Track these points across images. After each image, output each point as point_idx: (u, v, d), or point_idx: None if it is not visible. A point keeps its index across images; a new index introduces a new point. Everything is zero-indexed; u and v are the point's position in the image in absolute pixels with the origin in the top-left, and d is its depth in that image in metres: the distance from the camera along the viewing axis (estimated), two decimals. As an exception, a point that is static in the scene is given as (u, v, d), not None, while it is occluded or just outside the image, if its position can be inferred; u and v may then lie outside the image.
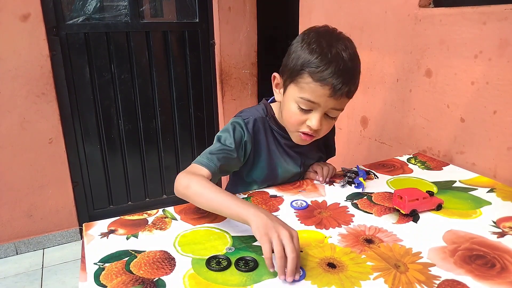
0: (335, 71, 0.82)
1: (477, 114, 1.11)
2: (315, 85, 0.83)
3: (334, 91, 0.83)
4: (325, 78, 0.82)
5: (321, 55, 0.82)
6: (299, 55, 0.85)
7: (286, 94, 0.91)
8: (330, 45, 0.84)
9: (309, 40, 0.85)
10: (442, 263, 0.69)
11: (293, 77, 0.87)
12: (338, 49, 0.83)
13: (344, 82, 0.83)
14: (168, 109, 2.50)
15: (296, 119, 0.90)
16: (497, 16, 1.02)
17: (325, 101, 0.85)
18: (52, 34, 2.06)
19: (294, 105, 0.88)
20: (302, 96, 0.86)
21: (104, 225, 0.85)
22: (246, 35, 2.51)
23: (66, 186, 2.25)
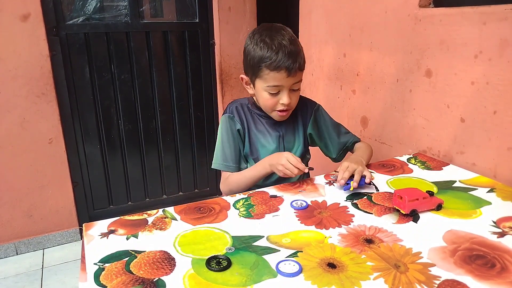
0: (283, 56, 1.03)
1: (477, 114, 1.11)
2: (273, 73, 1.04)
3: (288, 71, 1.04)
4: (278, 65, 1.03)
5: (268, 49, 1.04)
6: (253, 55, 1.07)
7: (256, 88, 1.12)
8: (272, 38, 1.05)
9: (256, 41, 1.07)
10: (442, 263, 0.69)
11: (256, 73, 1.08)
12: (279, 39, 1.04)
13: (293, 61, 1.04)
14: (168, 109, 2.50)
15: (270, 103, 1.10)
16: (497, 16, 1.02)
17: (286, 81, 1.06)
18: (52, 34, 2.06)
19: (265, 93, 1.09)
20: (268, 84, 1.07)
21: (104, 225, 0.85)
22: (246, 35, 2.50)
23: (66, 186, 2.25)
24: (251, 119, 1.20)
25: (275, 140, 1.20)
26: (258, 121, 1.20)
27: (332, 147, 1.26)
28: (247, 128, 1.19)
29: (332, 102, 1.77)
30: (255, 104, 1.20)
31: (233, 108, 1.20)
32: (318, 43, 1.82)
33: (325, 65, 1.79)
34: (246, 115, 1.20)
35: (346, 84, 1.68)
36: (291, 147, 1.22)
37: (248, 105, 1.21)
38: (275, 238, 0.79)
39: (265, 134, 1.20)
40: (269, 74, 1.05)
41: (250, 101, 1.22)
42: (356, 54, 1.59)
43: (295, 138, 1.23)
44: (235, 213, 0.91)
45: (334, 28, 1.70)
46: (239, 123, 1.18)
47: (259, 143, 1.19)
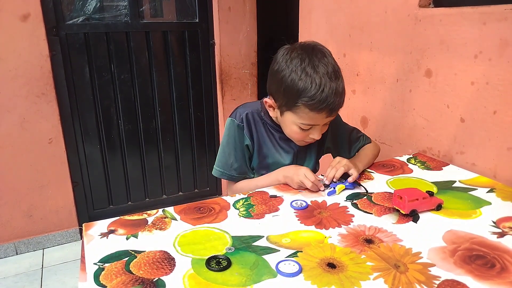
0: (328, 96, 0.89)
1: (477, 114, 1.11)
2: (313, 113, 0.93)
3: (329, 112, 0.94)
4: (321, 107, 0.91)
5: (312, 85, 0.89)
6: (290, 86, 0.91)
7: (285, 118, 0.99)
8: (315, 69, 0.90)
9: (294, 67, 0.91)
10: (442, 263, 0.69)
11: (290, 107, 0.95)
12: (322, 71, 0.90)
13: (337, 101, 0.92)
14: (168, 109, 2.50)
15: (299, 136, 1.01)
16: (497, 16, 1.02)
17: (323, 120, 0.97)
18: (52, 34, 2.06)
19: (295, 127, 0.98)
20: (302, 122, 0.96)
21: (104, 225, 0.85)
22: (246, 35, 2.51)
23: (66, 186, 2.25)
24: (263, 130, 1.08)
25: (289, 157, 1.11)
26: (270, 134, 1.10)
27: (344, 153, 1.20)
28: (257, 141, 1.08)
29: (332, 102, 1.77)
30: (268, 113, 1.07)
31: (243, 115, 1.07)
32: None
33: (325, 65, 1.79)
34: (257, 125, 1.08)
35: (346, 84, 1.65)
36: (302, 163, 1.15)
37: (261, 114, 1.09)
38: (275, 238, 0.79)
39: (277, 148, 1.10)
40: (308, 113, 0.92)
41: (263, 109, 1.09)
42: (356, 54, 1.59)
43: (306, 154, 1.15)
44: (235, 213, 0.91)
45: (334, 28, 1.70)
46: (248, 136, 1.07)
47: (271, 158, 1.10)
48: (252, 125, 1.08)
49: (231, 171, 1.11)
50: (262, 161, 1.11)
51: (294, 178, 0.99)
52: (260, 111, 1.09)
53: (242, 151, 1.09)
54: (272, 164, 1.11)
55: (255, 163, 1.12)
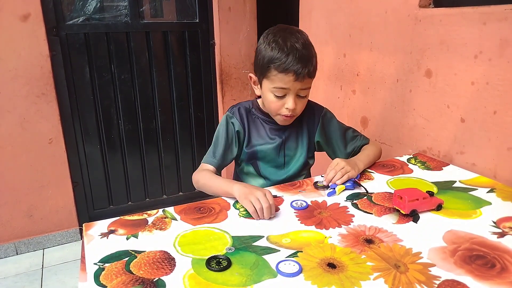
0: (293, 59, 1.00)
1: (477, 114, 1.11)
2: (281, 75, 1.02)
3: (296, 75, 1.01)
4: (287, 67, 1.00)
5: (279, 51, 1.01)
6: (264, 55, 1.04)
7: (263, 88, 1.10)
8: (285, 40, 1.02)
9: (268, 41, 1.04)
10: (442, 263, 0.69)
11: (264, 73, 1.06)
12: (292, 42, 1.01)
13: (302, 66, 1.00)
14: (168, 109, 2.50)
15: (275, 105, 1.08)
16: (497, 16, 1.02)
17: (293, 85, 1.03)
18: (52, 34, 2.06)
19: (271, 94, 1.07)
20: (274, 86, 1.04)
21: (104, 225, 0.85)
22: (246, 35, 2.51)
23: (66, 186, 2.25)
24: (252, 123, 1.18)
25: (276, 148, 1.16)
26: (260, 126, 1.18)
27: (341, 153, 1.22)
28: (247, 131, 1.16)
29: (332, 102, 1.77)
30: (259, 108, 1.18)
31: (235, 110, 1.18)
32: (318, 43, 1.82)
33: (325, 65, 1.79)
34: (248, 117, 1.17)
35: (346, 84, 1.68)
36: (292, 154, 1.19)
37: (252, 109, 1.18)
38: (275, 238, 0.79)
39: (266, 139, 1.17)
40: (277, 75, 1.02)
41: (254, 105, 1.19)
42: (356, 54, 1.59)
43: (297, 146, 1.19)
44: (235, 213, 0.91)
45: (334, 28, 1.70)
46: (240, 124, 1.15)
47: (259, 149, 1.16)
48: (244, 116, 1.17)
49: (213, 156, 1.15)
50: (251, 148, 1.17)
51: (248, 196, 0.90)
52: (251, 107, 1.19)
53: (229, 139, 1.15)
54: (259, 152, 1.17)
55: (244, 152, 1.17)
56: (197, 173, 1.13)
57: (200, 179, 1.10)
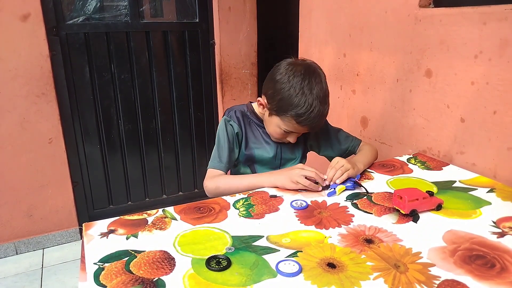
0: (314, 117, 1.03)
1: (477, 114, 1.11)
2: (298, 126, 1.06)
3: (311, 128, 1.09)
4: (305, 123, 1.05)
5: (305, 104, 1.02)
6: (285, 97, 1.04)
7: (271, 119, 1.11)
8: (311, 91, 1.03)
9: (294, 83, 1.03)
10: (442, 263, 0.69)
11: (279, 113, 1.07)
12: (315, 94, 1.03)
13: (319, 123, 1.07)
14: (168, 109, 2.50)
15: (278, 136, 1.13)
16: (497, 16, 1.02)
17: (303, 131, 1.11)
18: (52, 34, 2.06)
19: (278, 129, 1.10)
20: (286, 128, 1.09)
21: (104, 225, 0.85)
22: (246, 35, 2.51)
23: (66, 186, 2.25)
24: (248, 126, 1.20)
25: (273, 149, 1.19)
26: (256, 130, 1.20)
27: (334, 153, 1.23)
28: (245, 133, 1.19)
29: (332, 102, 1.75)
30: (254, 113, 1.20)
31: (232, 113, 1.19)
32: (318, 43, 1.82)
33: (325, 65, 1.79)
34: (245, 120, 1.19)
35: (346, 84, 1.68)
36: (288, 157, 1.22)
37: (247, 113, 1.21)
38: (275, 238, 0.79)
39: (262, 143, 1.19)
40: (293, 123, 1.06)
41: (249, 109, 1.21)
42: (356, 54, 1.59)
43: (294, 150, 1.22)
44: (235, 213, 0.91)
45: (334, 28, 1.70)
46: (238, 126, 1.17)
47: (256, 152, 1.19)
48: (240, 119, 1.19)
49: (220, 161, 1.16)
50: (249, 151, 1.19)
51: (290, 178, 1.01)
52: (246, 111, 1.21)
53: (231, 142, 1.17)
54: (257, 155, 1.19)
55: (242, 154, 1.19)
56: (210, 180, 1.12)
57: (220, 184, 1.10)
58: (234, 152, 1.18)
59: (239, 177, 1.14)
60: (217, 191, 1.09)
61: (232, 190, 1.07)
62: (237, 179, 1.12)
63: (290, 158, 1.22)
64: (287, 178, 1.01)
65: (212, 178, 1.13)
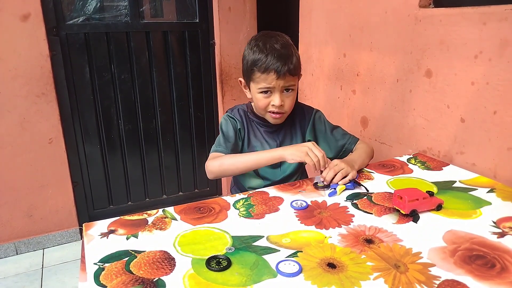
0: (272, 58, 1.06)
1: (477, 114, 1.11)
2: (264, 75, 1.08)
3: (277, 73, 1.06)
4: (267, 67, 1.06)
5: (260, 52, 1.08)
6: (247, 59, 1.11)
7: (251, 91, 1.16)
8: (265, 43, 1.09)
9: (251, 46, 1.12)
10: (442, 263, 0.69)
11: (249, 76, 1.12)
12: (271, 43, 1.08)
13: (282, 64, 1.06)
14: (168, 109, 2.50)
15: (263, 103, 1.13)
16: (497, 16, 1.02)
17: (276, 83, 1.08)
18: (52, 34, 2.06)
19: (258, 95, 1.12)
20: (259, 87, 1.10)
21: (104, 225, 0.85)
22: (246, 35, 2.51)
23: (66, 186, 2.25)
24: (250, 126, 1.22)
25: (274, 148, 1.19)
26: (256, 129, 1.22)
27: (330, 150, 1.25)
28: (246, 131, 1.21)
29: (332, 102, 1.77)
30: (253, 112, 1.22)
31: (235, 111, 1.23)
32: (318, 43, 1.82)
33: (325, 65, 1.79)
34: (246, 119, 1.22)
35: (346, 84, 1.68)
36: None
37: (247, 112, 1.23)
38: (275, 238, 0.79)
39: (262, 142, 1.21)
40: (260, 76, 1.08)
41: (248, 108, 1.24)
42: (356, 54, 1.59)
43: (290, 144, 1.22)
44: (235, 213, 0.91)
45: (334, 28, 1.70)
46: (240, 124, 1.20)
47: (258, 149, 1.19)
48: (243, 117, 1.22)
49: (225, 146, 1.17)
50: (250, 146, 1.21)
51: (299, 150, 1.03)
52: (247, 110, 1.23)
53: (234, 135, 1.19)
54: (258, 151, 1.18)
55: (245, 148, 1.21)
56: (213, 160, 1.13)
57: (224, 161, 1.11)
58: (237, 145, 1.19)
59: (243, 154, 1.15)
60: (221, 168, 1.11)
61: (237, 166, 1.10)
62: (242, 155, 1.13)
63: None
64: (297, 149, 1.04)
65: (215, 158, 1.14)
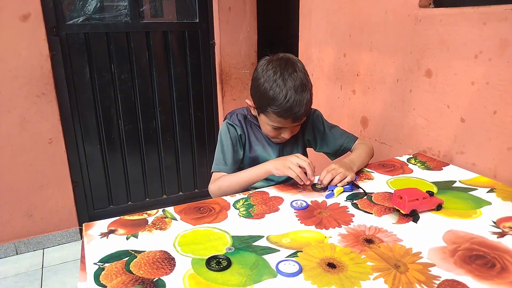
0: (292, 107, 1.02)
1: (477, 114, 1.11)
2: (280, 119, 1.06)
3: (294, 120, 1.06)
4: (285, 115, 1.04)
5: (279, 95, 1.02)
6: (263, 93, 1.05)
7: (260, 118, 1.14)
8: (284, 81, 1.03)
9: (268, 77, 1.05)
10: (442, 263, 0.69)
11: (263, 110, 1.09)
12: (290, 84, 1.02)
13: (300, 112, 1.04)
14: (168, 109, 2.50)
15: (272, 134, 1.14)
16: (497, 16, 1.02)
17: (290, 125, 1.10)
18: (52, 34, 2.06)
19: (268, 126, 1.11)
20: (272, 124, 1.10)
21: (104, 225, 0.85)
22: (246, 35, 2.51)
23: (66, 186, 2.25)
24: (250, 129, 1.21)
25: (276, 151, 1.21)
26: (257, 131, 1.21)
27: (329, 149, 1.26)
28: (247, 135, 1.20)
29: (332, 102, 1.77)
30: (253, 115, 1.21)
31: (234, 117, 1.21)
32: (318, 43, 1.82)
33: (325, 65, 1.79)
34: (246, 123, 1.21)
35: (346, 84, 1.68)
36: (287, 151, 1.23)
37: (248, 116, 1.22)
38: (275, 238, 0.79)
39: (264, 144, 1.21)
40: (276, 118, 1.06)
41: (249, 111, 1.22)
42: (356, 54, 1.59)
43: (293, 147, 1.24)
44: (235, 213, 0.91)
45: (334, 28, 1.70)
46: (241, 129, 1.19)
47: (260, 155, 1.20)
48: (242, 122, 1.20)
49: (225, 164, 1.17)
50: (252, 154, 1.20)
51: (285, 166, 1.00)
52: (247, 114, 1.22)
53: (234, 144, 1.18)
54: (261, 157, 1.20)
55: (247, 157, 1.20)
56: (214, 183, 1.14)
57: (223, 184, 1.11)
58: (238, 153, 1.19)
59: (237, 173, 1.13)
60: (220, 191, 1.10)
61: (234, 187, 1.09)
62: (236, 175, 1.12)
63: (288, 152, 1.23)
64: (281, 164, 1.02)
65: (215, 181, 1.14)
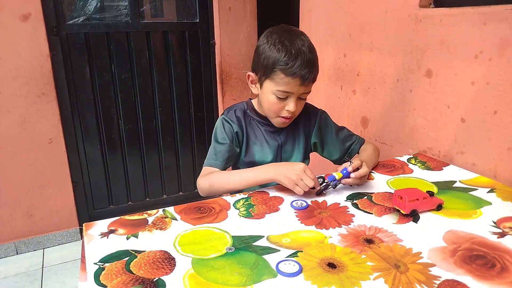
0: (301, 64, 0.98)
1: (477, 114, 1.11)
2: (288, 78, 1.00)
3: (303, 80, 1.00)
4: (294, 72, 0.98)
5: (287, 53, 0.99)
6: (268, 55, 1.01)
7: (264, 88, 1.07)
8: (291, 42, 1.00)
9: (273, 41, 1.02)
10: (442, 263, 0.69)
11: (268, 74, 1.03)
12: (299, 45, 1.00)
13: (309, 71, 1.00)
14: (168, 109, 2.50)
15: (276, 107, 1.06)
16: (498, 16, 1.02)
17: (297, 89, 1.02)
18: (53, 34, 2.06)
19: (273, 96, 1.04)
20: (278, 89, 1.02)
21: (104, 225, 0.85)
22: (246, 35, 2.51)
23: (66, 186, 2.25)
24: (249, 124, 1.16)
25: (273, 150, 1.16)
26: (257, 128, 1.16)
27: (335, 151, 1.22)
28: (245, 133, 1.14)
29: (332, 102, 1.77)
30: (254, 110, 1.16)
31: (232, 112, 1.15)
32: (318, 43, 1.82)
33: (325, 65, 1.79)
34: (245, 119, 1.15)
35: (346, 84, 1.68)
36: (288, 157, 1.18)
37: (247, 110, 1.16)
38: (275, 238, 0.79)
39: (262, 142, 1.15)
40: (283, 79, 1.00)
41: (249, 106, 1.17)
42: (356, 54, 1.59)
43: (293, 149, 1.19)
44: (235, 213, 0.91)
45: (334, 28, 1.70)
46: (238, 126, 1.13)
47: (256, 152, 1.15)
48: (241, 118, 1.15)
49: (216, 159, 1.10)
50: (248, 155, 1.15)
51: (290, 175, 0.94)
52: (246, 109, 1.17)
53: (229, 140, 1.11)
54: (257, 155, 1.15)
55: (243, 154, 1.15)
56: (204, 178, 1.06)
57: (214, 181, 1.04)
58: (233, 151, 1.12)
59: (234, 172, 1.08)
60: (211, 189, 1.04)
61: (227, 187, 1.03)
62: (232, 174, 1.06)
63: (289, 157, 1.18)
64: (285, 176, 0.95)
65: (205, 176, 1.06)
